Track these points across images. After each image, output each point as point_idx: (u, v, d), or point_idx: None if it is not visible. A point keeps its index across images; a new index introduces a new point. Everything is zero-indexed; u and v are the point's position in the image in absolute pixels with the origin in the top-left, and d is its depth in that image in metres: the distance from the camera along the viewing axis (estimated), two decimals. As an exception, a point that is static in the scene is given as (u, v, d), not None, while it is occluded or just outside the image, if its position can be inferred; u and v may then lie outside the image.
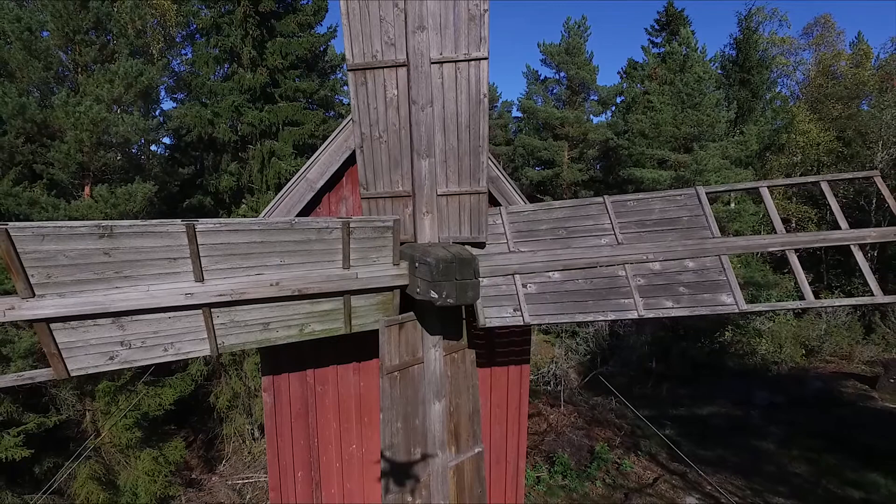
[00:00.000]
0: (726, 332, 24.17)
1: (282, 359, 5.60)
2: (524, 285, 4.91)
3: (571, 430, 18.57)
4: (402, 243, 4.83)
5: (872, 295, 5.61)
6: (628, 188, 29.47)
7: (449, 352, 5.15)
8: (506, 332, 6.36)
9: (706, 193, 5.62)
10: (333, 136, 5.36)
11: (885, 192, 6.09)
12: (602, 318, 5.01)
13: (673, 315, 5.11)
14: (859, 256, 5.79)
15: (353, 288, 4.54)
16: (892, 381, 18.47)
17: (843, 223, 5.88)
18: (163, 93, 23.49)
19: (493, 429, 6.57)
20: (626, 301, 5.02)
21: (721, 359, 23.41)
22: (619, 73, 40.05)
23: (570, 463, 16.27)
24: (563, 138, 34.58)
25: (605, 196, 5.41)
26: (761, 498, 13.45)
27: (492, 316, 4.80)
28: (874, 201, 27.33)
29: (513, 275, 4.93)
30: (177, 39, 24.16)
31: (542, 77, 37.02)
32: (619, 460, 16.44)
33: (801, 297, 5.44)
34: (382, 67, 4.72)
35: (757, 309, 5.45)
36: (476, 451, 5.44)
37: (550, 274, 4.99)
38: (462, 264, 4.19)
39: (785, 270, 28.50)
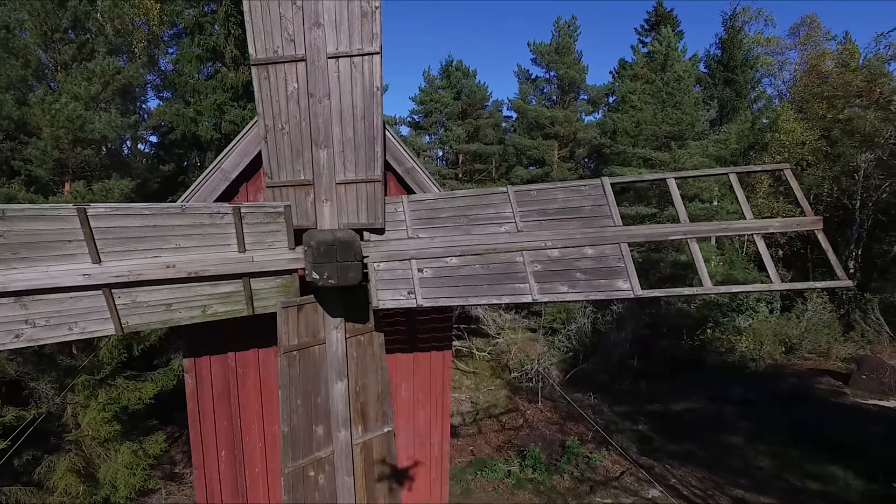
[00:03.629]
0: (707, 330, 24.33)
1: (203, 342, 5.84)
2: (420, 270, 5.14)
3: (545, 426, 18.77)
4: (304, 230, 5.07)
5: (818, 283, 5.78)
6: (614, 187, 29.55)
7: (354, 334, 5.39)
8: (427, 319, 6.60)
9: (611, 184, 5.85)
10: (248, 128, 5.60)
11: (794, 184, 6.28)
12: (496, 301, 5.24)
13: (568, 300, 5.33)
14: (761, 246, 5.95)
15: (251, 271, 4.79)
16: (864, 376, 18.60)
17: (748, 214, 6.05)
18: (150, 92, 23.90)
19: (418, 412, 6.80)
20: (522, 286, 5.24)
21: (701, 356, 23.57)
22: (611, 72, 40.22)
23: (540, 457, 16.47)
24: (552, 137, 34.76)
25: (509, 186, 5.63)
26: (722, 490, 13.64)
27: (386, 298, 5.03)
28: (858, 200, 27.43)
29: (410, 259, 5.16)
30: (164, 38, 24.51)
31: (532, 76, 37.22)
32: (589, 454, 16.64)
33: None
34: (283, 62, 4.96)
35: (653, 294, 5.65)
36: (385, 430, 5.67)
37: (448, 259, 5.22)
38: (343, 247, 4.43)
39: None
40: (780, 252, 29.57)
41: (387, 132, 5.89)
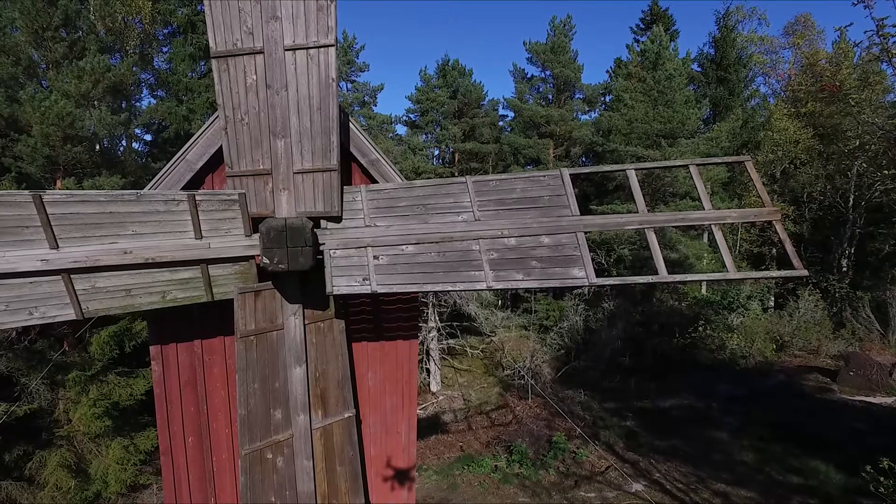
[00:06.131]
0: (699, 328, 24.42)
1: (169, 329, 5.95)
2: (376, 257, 5.26)
3: (534, 422, 18.89)
4: (263, 218, 5.19)
5: (773, 272, 5.86)
6: (608, 185, 29.80)
7: (314, 320, 5.51)
8: (394, 308, 6.71)
9: (570, 175, 5.96)
10: (212, 119, 5.71)
11: (755, 175, 6.36)
12: (451, 287, 5.36)
13: (522, 286, 5.45)
14: (719, 236, 6.04)
15: (208, 257, 4.91)
16: (851, 373, 18.68)
17: (707, 205, 6.13)
18: (145, 90, 24.05)
19: (386, 400, 6.91)
20: (477, 273, 5.35)
21: (692, 354, 23.67)
22: (607, 71, 40.33)
23: (527, 452, 16.60)
24: (548, 136, 34.86)
25: (468, 176, 5.76)
26: (704, 484, 13.73)
27: (341, 284, 5.15)
28: (851, 199, 27.48)
29: (366, 247, 5.28)
30: (159, 37, 24.67)
31: (528, 75, 37.31)
32: (576, 450, 16.74)
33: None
34: (242, 55, 5.09)
35: (607, 282, 5.77)
36: (346, 415, 5.79)
37: (404, 247, 5.33)
38: (293, 233, 4.56)
39: (762, 266, 28.72)
40: (774, 251, 29.66)
41: (350, 125, 6.02)
